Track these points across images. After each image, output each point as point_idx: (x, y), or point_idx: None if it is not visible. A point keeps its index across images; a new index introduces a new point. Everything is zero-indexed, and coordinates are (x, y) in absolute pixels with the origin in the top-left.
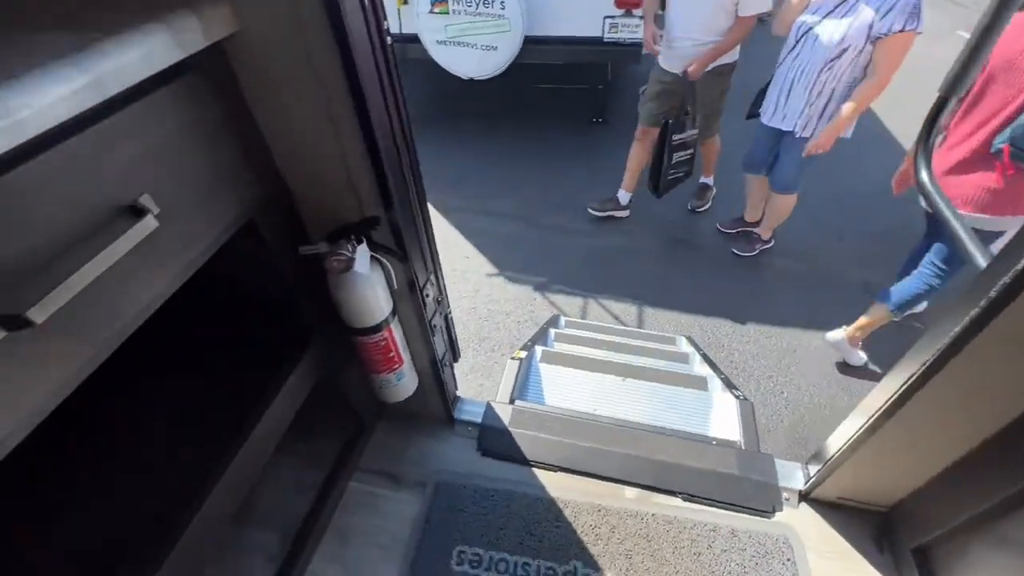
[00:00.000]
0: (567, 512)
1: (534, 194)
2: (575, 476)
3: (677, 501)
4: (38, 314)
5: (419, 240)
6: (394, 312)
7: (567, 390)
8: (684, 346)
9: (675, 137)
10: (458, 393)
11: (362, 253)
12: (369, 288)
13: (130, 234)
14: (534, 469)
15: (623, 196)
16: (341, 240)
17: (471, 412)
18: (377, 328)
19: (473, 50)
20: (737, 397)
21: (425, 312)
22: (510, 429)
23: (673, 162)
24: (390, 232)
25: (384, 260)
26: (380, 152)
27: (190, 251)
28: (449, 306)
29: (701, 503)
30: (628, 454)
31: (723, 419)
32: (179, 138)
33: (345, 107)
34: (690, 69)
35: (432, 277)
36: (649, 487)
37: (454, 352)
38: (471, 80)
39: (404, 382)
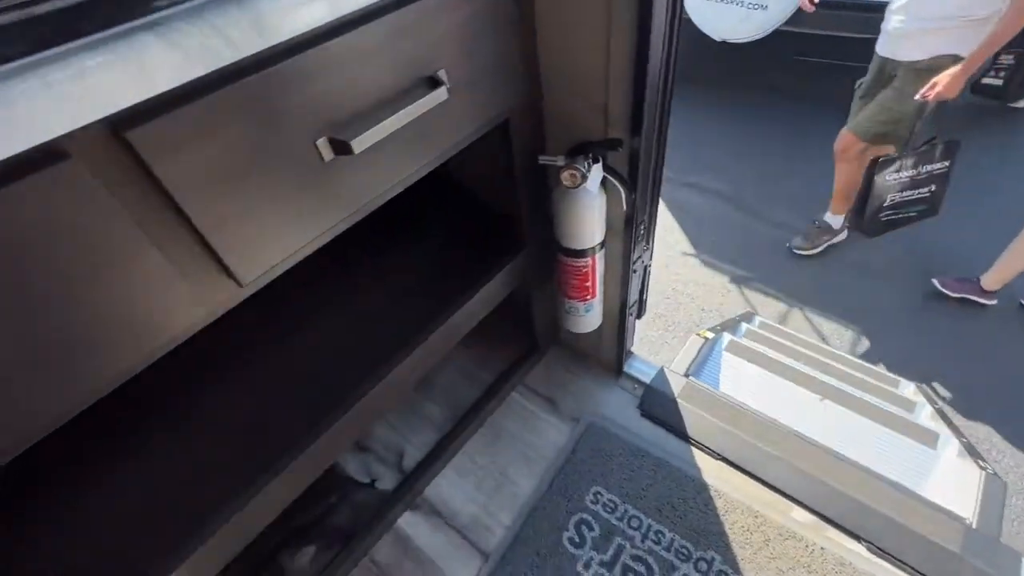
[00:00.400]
0: (718, 503)
1: (751, 180)
2: (737, 472)
3: (858, 547)
4: (358, 146)
5: (649, 177)
6: (603, 244)
7: (748, 386)
8: (911, 392)
9: (919, 169)
10: (632, 349)
11: (596, 172)
12: (591, 210)
13: (427, 99)
14: (693, 448)
15: (833, 219)
16: (579, 156)
17: (641, 370)
18: (583, 253)
19: (737, 7)
20: (983, 469)
21: (632, 252)
22: (678, 400)
23: (895, 202)
24: (627, 160)
25: (616, 183)
26: (647, 76)
27: (463, 130)
28: (651, 258)
29: (893, 563)
30: (810, 474)
31: (952, 488)
32: (476, 24)
33: (626, 27)
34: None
35: (647, 219)
36: (828, 519)
37: (641, 306)
38: (721, 44)
39: (590, 316)
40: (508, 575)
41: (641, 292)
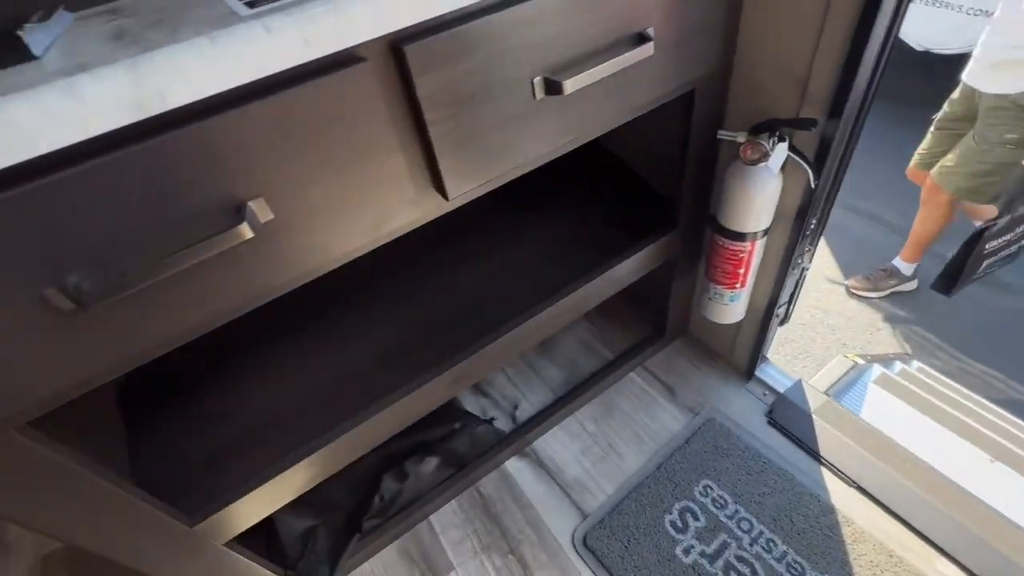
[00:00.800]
0: (846, 530)
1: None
2: (875, 505)
3: None
4: (569, 87)
5: (835, 168)
6: (766, 232)
7: (898, 427)
8: None
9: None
10: (767, 354)
11: (780, 151)
12: (765, 191)
13: (635, 53)
14: (824, 468)
15: (904, 265)
16: (764, 134)
17: (774, 378)
18: (744, 236)
19: (953, 13)
20: None
21: (798, 247)
22: (814, 417)
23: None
24: (815, 144)
25: (801, 164)
26: (862, 55)
27: (654, 91)
28: (811, 263)
29: None
30: (967, 528)
31: None
32: None
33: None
34: None
35: (820, 216)
36: None
37: (787, 311)
38: (920, 55)
39: (734, 306)
40: (604, 536)
41: (792, 296)
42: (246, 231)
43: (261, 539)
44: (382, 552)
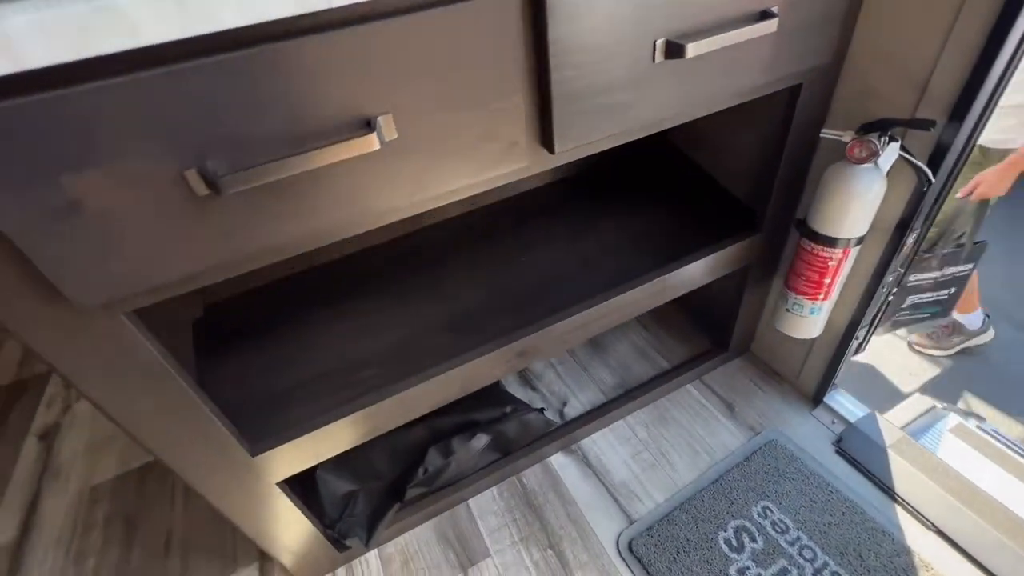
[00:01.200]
0: (922, 575)
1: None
2: (961, 555)
3: None
4: (690, 51)
5: (948, 175)
6: (861, 240)
7: (977, 473)
8: None
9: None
10: (836, 382)
11: (891, 151)
12: (867, 193)
13: (757, 27)
14: (898, 507)
15: (966, 319)
16: (873, 133)
17: (845, 407)
18: (836, 242)
19: None
20: None
21: (892, 263)
22: (889, 451)
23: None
24: (932, 147)
25: (914, 166)
26: (996, 57)
27: (767, 75)
28: (896, 287)
29: None
30: None
31: None
32: None
33: None
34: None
35: (921, 231)
36: None
37: (866, 337)
38: None
39: (812, 320)
40: (651, 544)
41: (874, 321)
42: (374, 141)
43: (301, 495)
44: (418, 528)
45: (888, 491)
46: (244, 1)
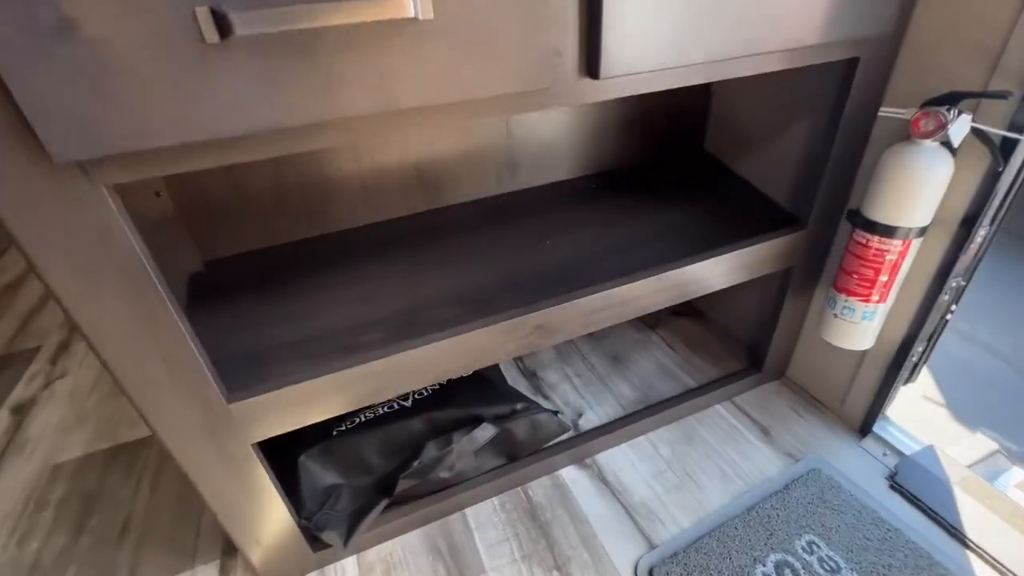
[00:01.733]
0: None
1: None
2: None
3: None
4: None
5: (1020, 163)
6: (924, 231)
7: None
8: None
9: None
10: (887, 412)
11: (961, 123)
12: (933, 175)
13: None
14: (971, 553)
15: None
16: (940, 107)
17: (897, 438)
18: (894, 232)
19: None
20: None
21: (958, 262)
22: (955, 489)
23: None
24: (1006, 125)
25: (987, 143)
26: None
27: (820, 33)
28: (957, 302)
29: None
30: None
31: None
32: None
33: None
34: None
35: (992, 228)
36: None
37: (923, 357)
38: None
39: (863, 328)
40: (676, 573)
41: (931, 339)
42: (406, 5)
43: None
44: (406, 535)
45: (957, 534)
46: None
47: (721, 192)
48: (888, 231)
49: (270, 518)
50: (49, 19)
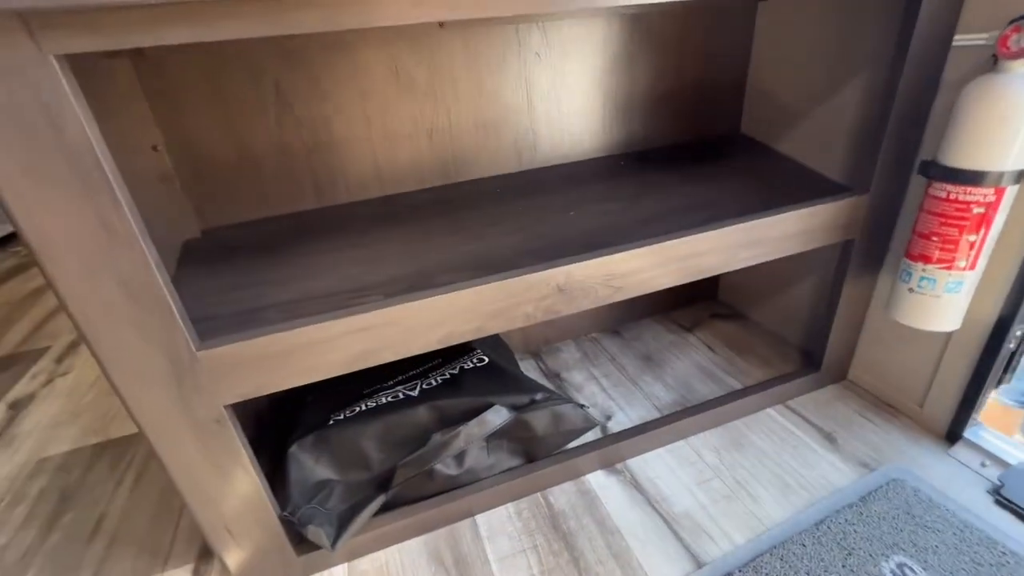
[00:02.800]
0: None
1: None
2: None
3: None
4: None
5: None
6: (1020, 177)
7: None
8: None
9: None
10: (977, 417)
11: None
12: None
13: None
14: None
15: None
16: None
17: (995, 445)
18: (983, 178)
19: None
20: None
21: None
22: None
23: None
24: None
25: None
26: None
27: None
28: None
29: None
30: None
31: None
32: None
33: None
34: None
35: None
36: None
37: (1019, 350)
38: None
39: (947, 303)
40: None
41: None
42: None
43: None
44: (406, 543)
45: None
46: None
47: (763, 169)
48: (974, 178)
49: (246, 505)
50: None
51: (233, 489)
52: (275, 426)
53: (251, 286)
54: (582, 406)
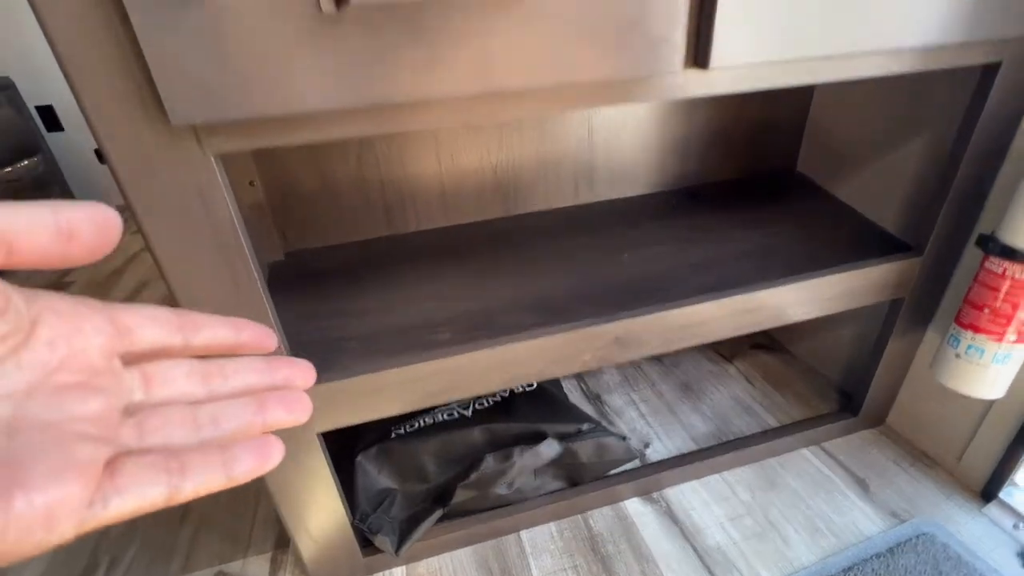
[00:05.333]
0: None
1: None
2: None
3: None
4: None
5: None
6: None
7: None
8: None
9: None
10: (1014, 478)
11: None
12: None
13: None
14: None
15: None
16: None
17: None
18: None
19: None
20: None
21: None
22: None
23: None
24: None
25: None
26: None
27: (948, 32)
28: None
29: None
30: None
31: None
32: None
33: None
34: None
35: None
36: None
37: None
38: None
39: (992, 372)
40: None
41: None
42: None
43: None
44: (457, 551)
45: None
46: None
47: (817, 215)
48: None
49: (325, 512)
50: None
51: (317, 499)
52: (338, 433)
53: (333, 315)
54: (624, 438)
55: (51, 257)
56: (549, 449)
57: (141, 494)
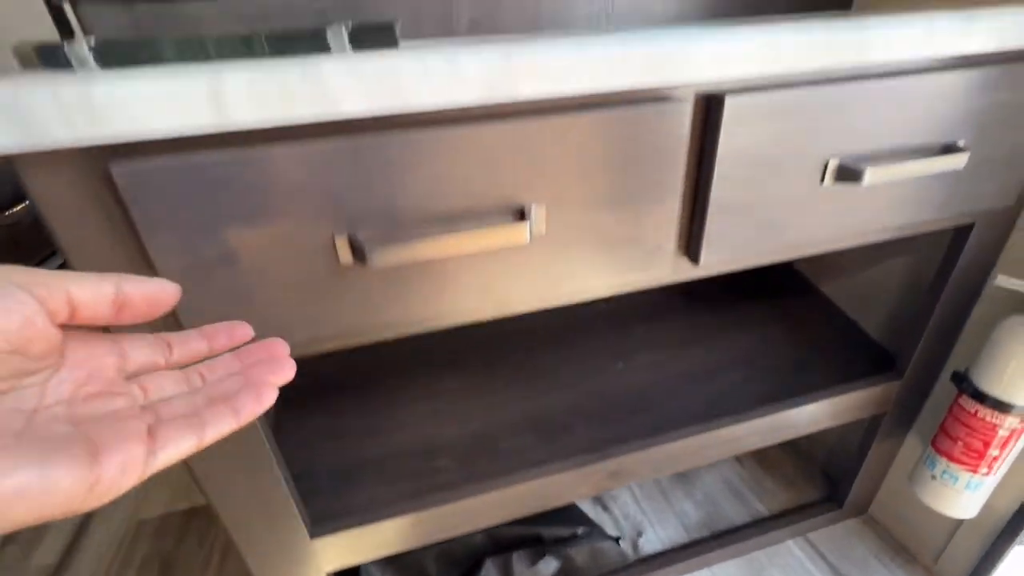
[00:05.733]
0: None
1: None
2: None
3: None
4: (867, 179)
5: None
6: None
7: None
8: None
9: None
10: None
11: None
12: None
13: (946, 160)
14: None
15: None
16: None
17: None
18: (1009, 409)
19: None
20: None
21: None
22: None
23: None
24: None
25: None
26: None
27: (933, 211)
28: None
29: None
30: None
31: None
32: (999, 112)
33: None
34: None
35: None
36: None
37: None
38: None
39: (966, 498)
40: None
41: None
42: (524, 233)
43: None
44: None
45: None
46: (435, 86)
47: (806, 315)
48: (1001, 407)
49: None
50: (215, 253)
51: None
52: None
53: (341, 436)
54: (618, 540)
55: (102, 320)
56: (547, 567)
57: (178, 445)
